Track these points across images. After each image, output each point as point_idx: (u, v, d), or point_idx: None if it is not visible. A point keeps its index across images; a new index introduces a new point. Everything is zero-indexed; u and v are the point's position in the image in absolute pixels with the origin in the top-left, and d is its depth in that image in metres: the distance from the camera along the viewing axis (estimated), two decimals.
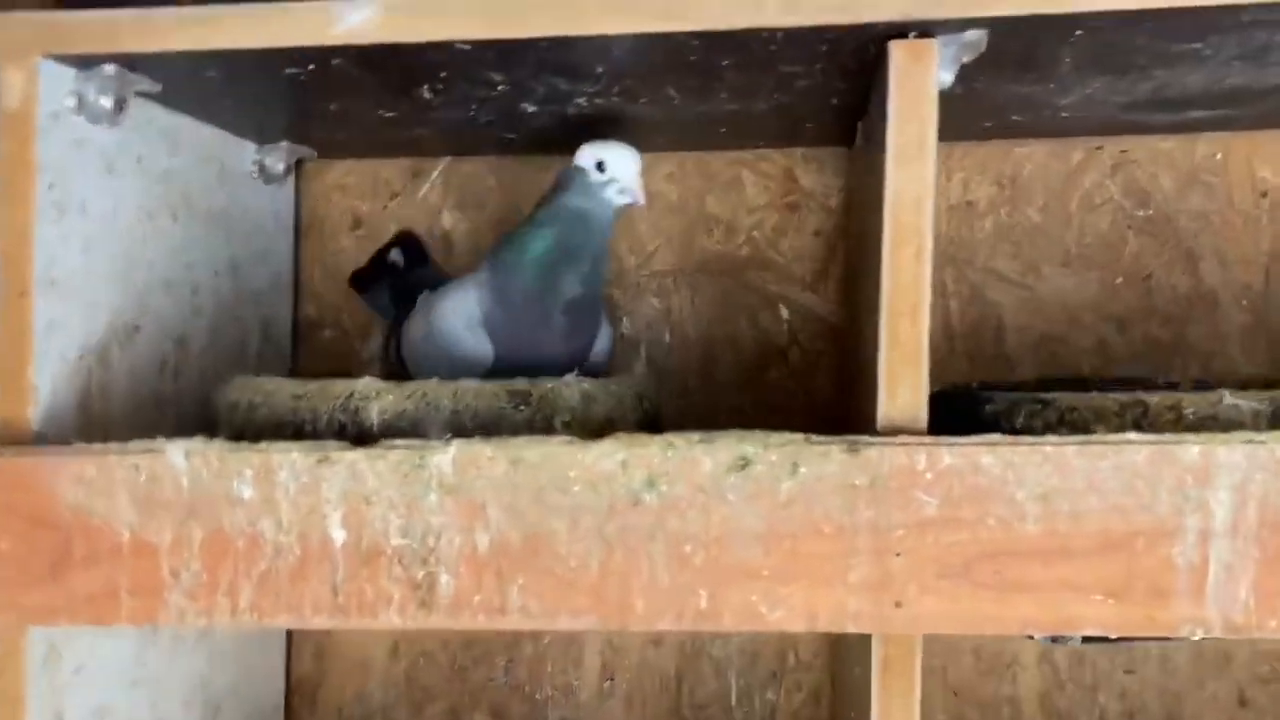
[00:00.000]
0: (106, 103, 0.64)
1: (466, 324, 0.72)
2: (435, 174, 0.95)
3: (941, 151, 0.87)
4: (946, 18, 0.54)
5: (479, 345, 0.72)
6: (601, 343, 0.75)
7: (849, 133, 0.82)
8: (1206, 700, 0.87)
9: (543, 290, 0.70)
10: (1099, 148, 0.87)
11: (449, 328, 0.73)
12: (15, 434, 0.60)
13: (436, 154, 0.93)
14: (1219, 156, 0.86)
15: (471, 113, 0.74)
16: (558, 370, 0.70)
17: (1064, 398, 0.60)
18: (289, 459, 0.57)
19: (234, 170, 0.82)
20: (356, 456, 0.57)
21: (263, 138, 0.85)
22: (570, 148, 0.88)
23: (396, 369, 0.79)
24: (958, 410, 0.65)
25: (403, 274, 0.88)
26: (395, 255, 0.90)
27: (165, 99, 0.70)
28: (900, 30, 0.55)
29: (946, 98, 0.62)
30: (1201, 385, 0.79)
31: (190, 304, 0.75)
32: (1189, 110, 0.75)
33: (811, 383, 0.91)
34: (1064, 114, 0.75)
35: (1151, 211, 0.87)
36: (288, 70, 0.63)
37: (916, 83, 0.55)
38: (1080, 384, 0.83)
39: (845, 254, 0.90)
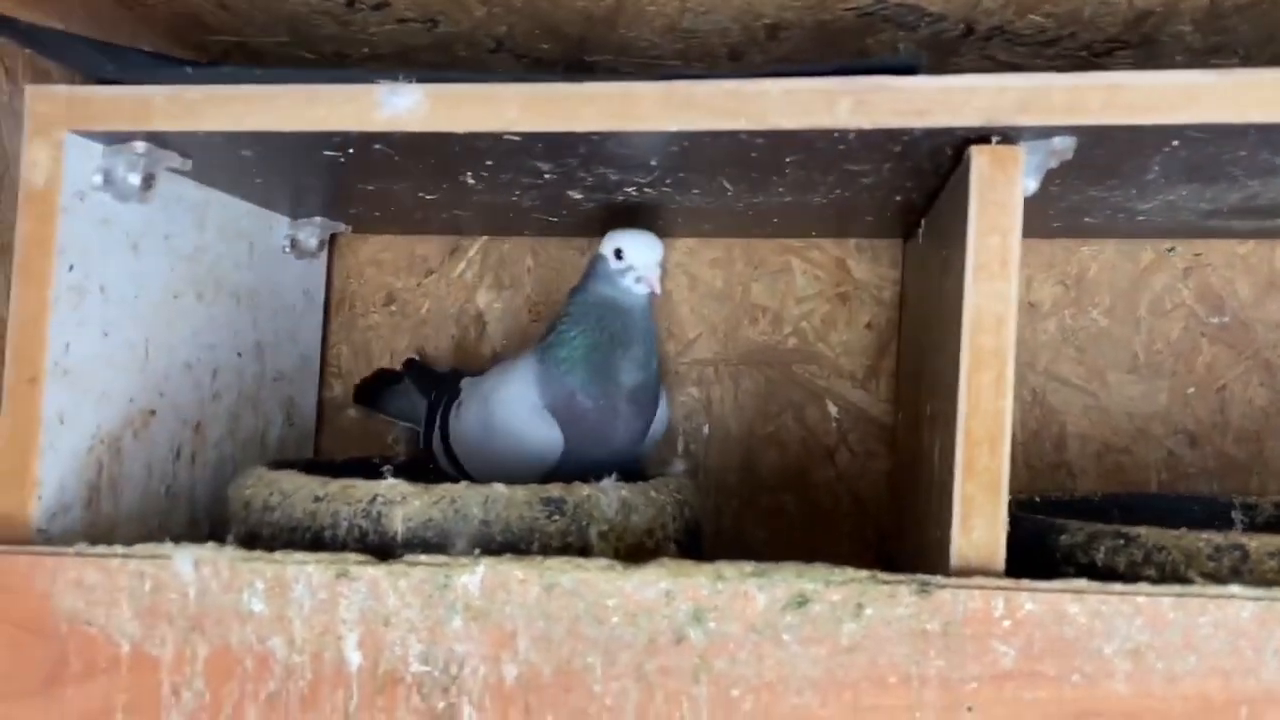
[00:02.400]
0: (135, 179, 0.61)
1: (533, 411, 0.69)
2: (473, 251, 0.91)
3: None
4: (1033, 124, 0.50)
5: (549, 433, 0.68)
6: (658, 425, 0.73)
7: (906, 224, 0.78)
8: None
9: (604, 382, 0.68)
10: (1171, 249, 0.82)
11: (514, 415, 0.70)
12: (15, 532, 0.57)
13: (474, 232, 0.90)
14: None
15: (515, 198, 0.71)
16: (624, 454, 0.69)
17: (1150, 534, 0.55)
18: (305, 572, 0.52)
19: (265, 246, 0.79)
20: (378, 573, 0.52)
21: (296, 212, 0.82)
22: (605, 229, 0.85)
23: (443, 462, 0.76)
24: (1024, 535, 0.60)
25: (423, 372, 0.85)
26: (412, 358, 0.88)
27: (196, 174, 0.67)
28: (983, 135, 0.51)
29: None
30: None
31: (210, 388, 0.72)
32: (1275, 218, 0.71)
33: (861, 486, 0.86)
34: (1140, 217, 0.71)
35: (1227, 319, 0.82)
36: (326, 153, 0.60)
37: (1000, 192, 0.51)
38: (1148, 500, 0.78)
39: (899, 350, 0.85)
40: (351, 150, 0.59)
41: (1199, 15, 0.60)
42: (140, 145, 0.60)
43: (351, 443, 0.91)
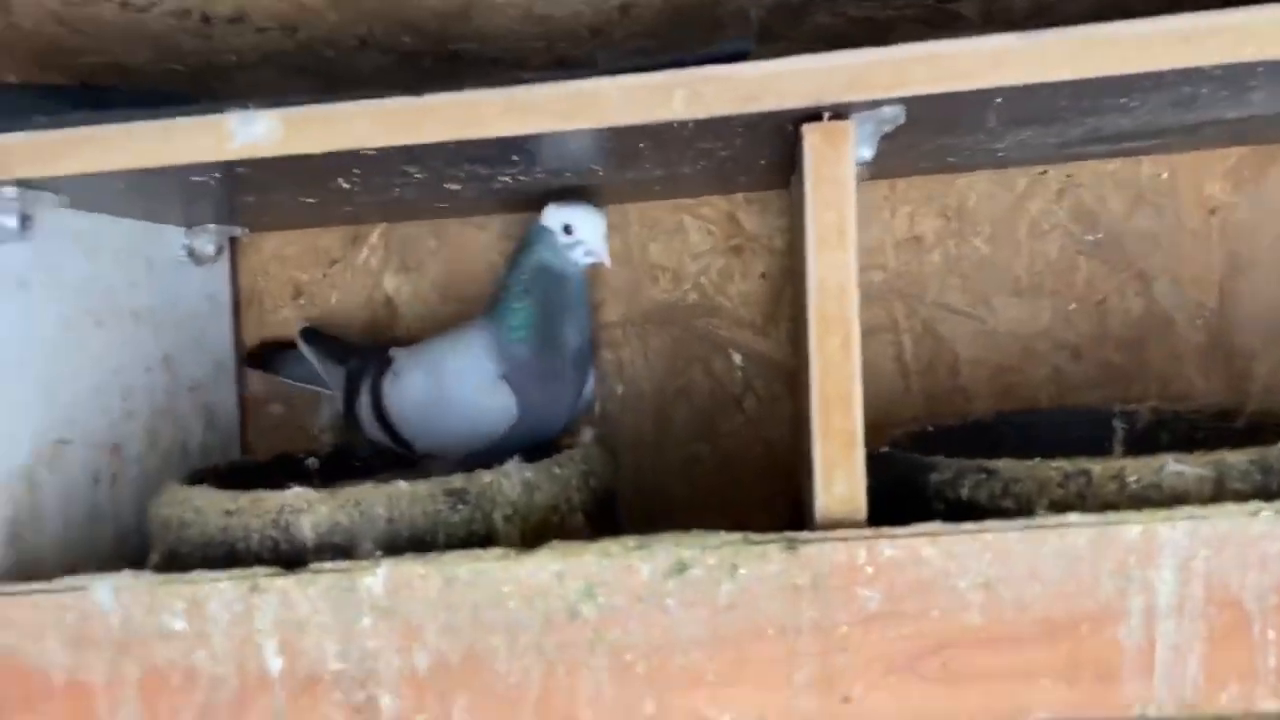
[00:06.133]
0: (11, 222, 0.62)
1: (490, 381, 0.73)
2: (374, 238, 0.93)
3: (885, 186, 0.87)
4: (862, 99, 0.52)
5: (505, 401, 0.73)
6: (589, 385, 0.79)
7: (785, 176, 0.80)
8: None
9: (552, 350, 0.73)
10: (1043, 173, 0.85)
11: (471, 385, 0.74)
12: None
13: (373, 220, 0.91)
14: (1165, 176, 0.84)
15: (396, 194, 0.72)
16: (565, 417, 0.76)
17: (1008, 467, 0.59)
18: (219, 589, 0.56)
19: (161, 259, 0.80)
20: (287, 583, 0.55)
21: (190, 222, 0.83)
22: (509, 206, 0.87)
23: (371, 429, 0.79)
24: (897, 476, 0.64)
25: (323, 341, 0.87)
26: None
27: (77, 204, 0.68)
28: (814, 114, 0.54)
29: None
30: (1158, 412, 0.79)
31: (121, 408, 0.74)
32: (1125, 142, 0.74)
33: (768, 430, 0.89)
34: (1000, 153, 0.74)
35: (1101, 235, 0.85)
36: (194, 178, 0.61)
37: (832, 167, 0.53)
38: (1036, 416, 0.82)
39: (793, 296, 0.88)
40: (217, 175, 0.61)
41: None
42: (11, 190, 0.61)
43: (278, 435, 0.94)
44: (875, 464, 0.68)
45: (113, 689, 0.56)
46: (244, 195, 0.70)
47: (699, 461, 0.91)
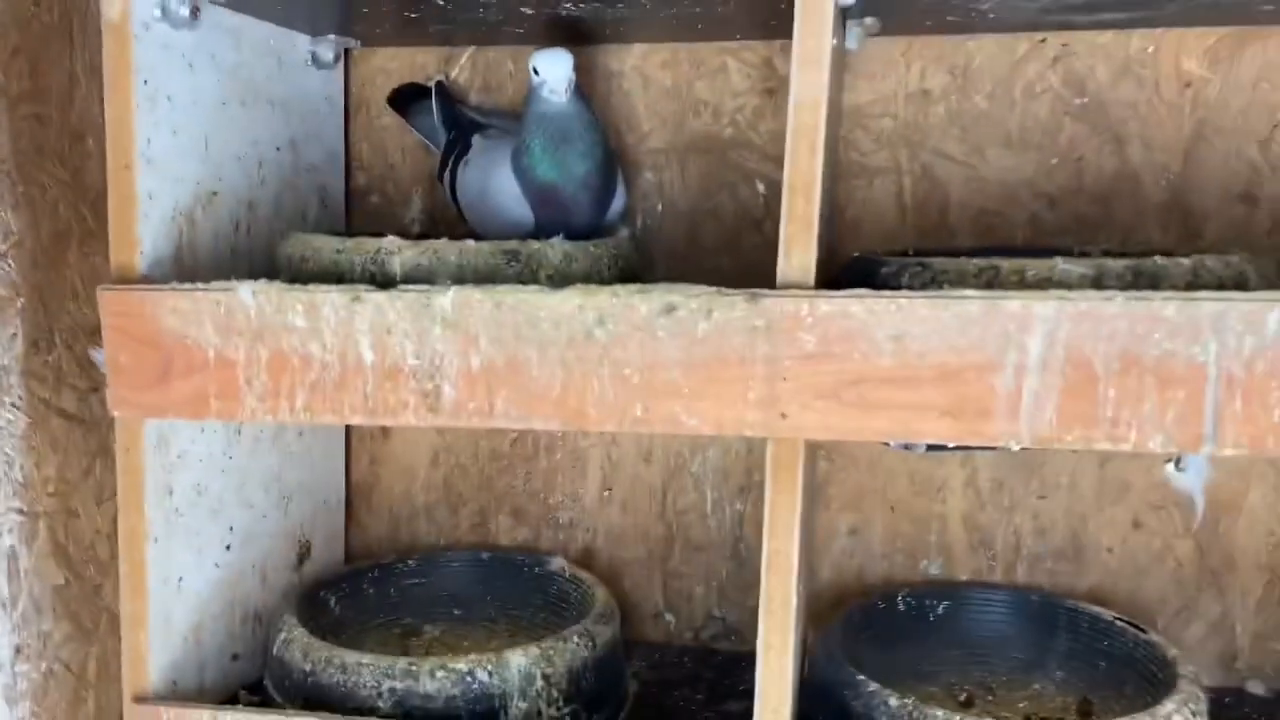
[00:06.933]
0: (184, 11, 0.80)
1: (513, 199, 0.89)
2: (464, 60, 1.09)
3: (902, 43, 1.01)
4: None
5: (523, 213, 0.89)
6: (617, 204, 0.93)
7: None
8: (1105, 522, 1.02)
9: (560, 175, 0.87)
10: (1043, 41, 0.97)
11: (500, 197, 0.90)
12: (127, 276, 0.79)
13: (464, 44, 1.07)
14: (1150, 50, 0.96)
15: (480, 13, 0.88)
16: (583, 229, 0.88)
17: (939, 262, 0.74)
18: (329, 298, 0.75)
19: (290, 60, 0.98)
20: (380, 297, 0.74)
21: (314, 30, 1.00)
22: (571, 39, 1.02)
23: (448, 195, 0.98)
24: (860, 272, 0.79)
25: (445, 103, 1.04)
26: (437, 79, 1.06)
27: (231, 4, 0.85)
28: None
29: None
30: (1109, 253, 0.92)
31: (257, 175, 0.93)
32: (1102, 13, 0.85)
33: None
34: (990, 15, 0.86)
35: (1087, 100, 0.98)
36: None
37: (815, 4, 0.68)
38: (1004, 251, 0.96)
39: None
40: None
41: None
42: None
43: (376, 223, 1.13)
44: (848, 266, 0.84)
45: (249, 365, 0.76)
46: (361, 4, 0.87)
47: (722, 273, 1.07)
